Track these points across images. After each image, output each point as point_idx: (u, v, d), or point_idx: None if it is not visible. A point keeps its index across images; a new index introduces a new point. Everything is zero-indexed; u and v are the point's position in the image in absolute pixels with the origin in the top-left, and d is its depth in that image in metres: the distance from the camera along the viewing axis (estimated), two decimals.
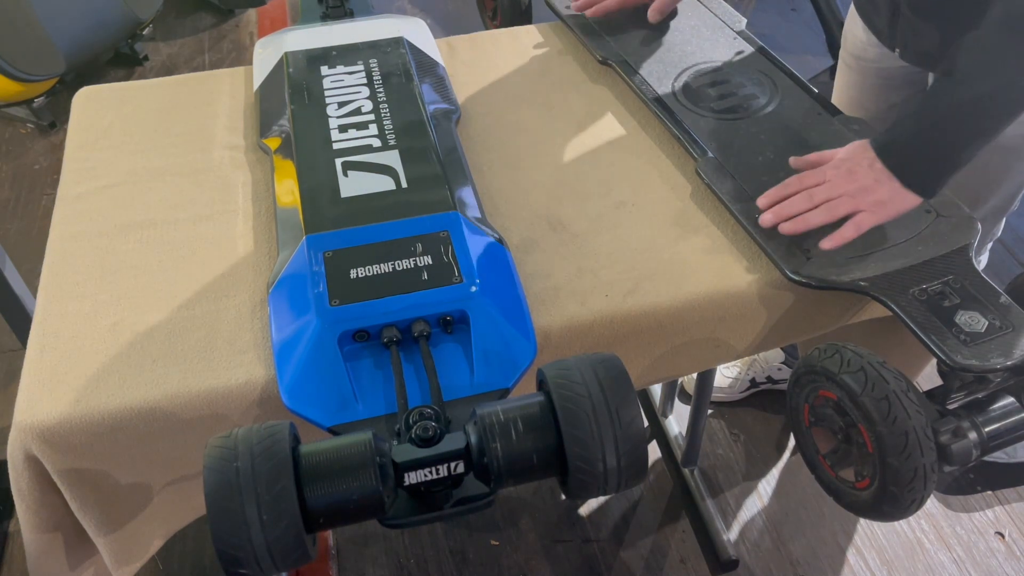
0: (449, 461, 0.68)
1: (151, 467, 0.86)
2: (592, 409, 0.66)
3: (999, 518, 1.55)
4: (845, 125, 1.08)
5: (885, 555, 1.49)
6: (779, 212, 0.93)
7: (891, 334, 1.05)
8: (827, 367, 0.79)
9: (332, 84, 1.12)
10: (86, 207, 1.02)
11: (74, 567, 0.93)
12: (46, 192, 2.32)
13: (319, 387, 0.78)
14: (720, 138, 1.07)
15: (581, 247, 0.97)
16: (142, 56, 2.83)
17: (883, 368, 0.76)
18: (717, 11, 1.33)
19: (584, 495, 0.68)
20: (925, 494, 0.76)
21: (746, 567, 1.48)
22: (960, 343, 0.80)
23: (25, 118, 2.55)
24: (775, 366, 1.73)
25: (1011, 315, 0.83)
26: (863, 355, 0.78)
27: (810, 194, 0.93)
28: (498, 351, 0.81)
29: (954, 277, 0.87)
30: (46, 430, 0.79)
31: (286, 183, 0.98)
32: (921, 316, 0.83)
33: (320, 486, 0.63)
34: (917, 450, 0.74)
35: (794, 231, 0.92)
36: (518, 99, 1.21)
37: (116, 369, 0.83)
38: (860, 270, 0.89)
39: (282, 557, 0.62)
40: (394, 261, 0.85)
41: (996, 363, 0.79)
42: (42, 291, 0.92)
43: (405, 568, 1.47)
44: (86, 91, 1.23)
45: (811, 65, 2.64)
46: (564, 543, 1.50)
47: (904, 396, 0.74)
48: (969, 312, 0.83)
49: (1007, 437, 0.80)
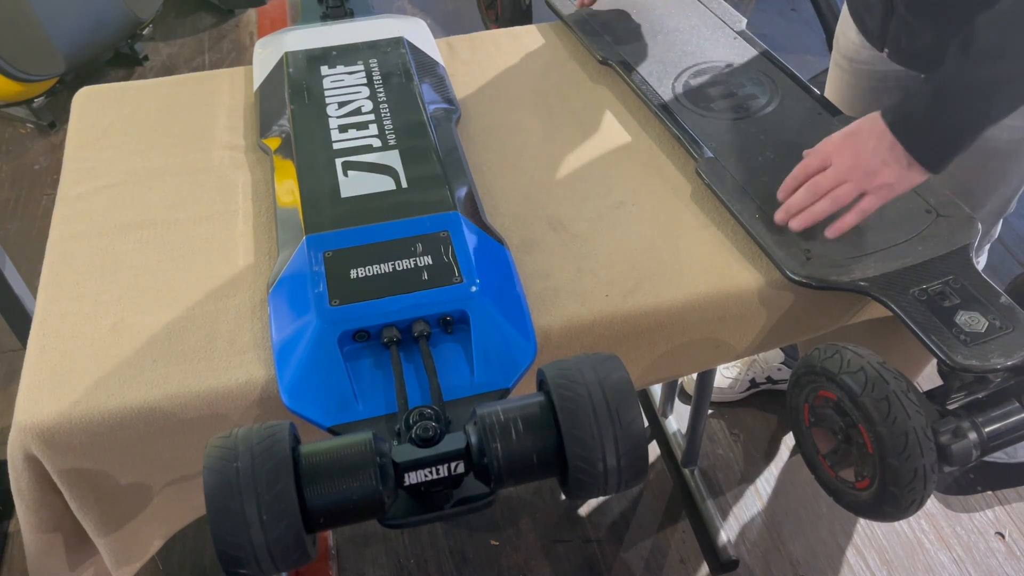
0: (449, 461, 0.68)
1: (151, 467, 0.86)
2: (592, 409, 0.66)
3: (999, 518, 1.55)
4: (845, 125, 1.07)
5: (885, 555, 1.49)
6: (787, 208, 0.93)
7: (891, 334, 1.05)
8: (827, 367, 0.79)
9: (332, 84, 1.12)
10: (86, 207, 1.02)
11: (74, 567, 0.93)
12: (46, 192, 2.32)
13: (319, 387, 0.78)
14: (720, 138, 1.07)
15: (581, 247, 0.97)
16: (142, 56, 2.83)
17: (883, 368, 0.76)
18: (717, 11, 1.33)
19: (584, 495, 0.68)
20: (925, 494, 0.76)
21: (746, 567, 1.48)
22: (960, 343, 0.80)
23: (25, 118, 2.55)
24: (775, 366, 1.72)
25: (1012, 315, 0.83)
26: (863, 355, 0.77)
27: (814, 184, 0.92)
28: (498, 351, 0.81)
29: (954, 277, 0.87)
30: (46, 430, 0.79)
31: (286, 183, 0.98)
32: (921, 316, 0.83)
33: (320, 486, 0.63)
34: (917, 450, 0.74)
35: (802, 227, 0.92)
36: (518, 99, 1.21)
37: (116, 369, 0.83)
38: (860, 270, 0.89)
39: (282, 557, 0.62)
40: (394, 261, 0.85)
41: (996, 363, 0.79)
42: (42, 291, 0.92)
43: (405, 568, 1.47)
44: (86, 91, 1.23)
45: (811, 65, 2.64)
46: (564, 543, 1.50)
47: (904, 396, 0.74)
48: (969, 312, 0.83)
49: (1007, 437, 0.80)
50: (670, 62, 1.22)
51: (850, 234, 0.93)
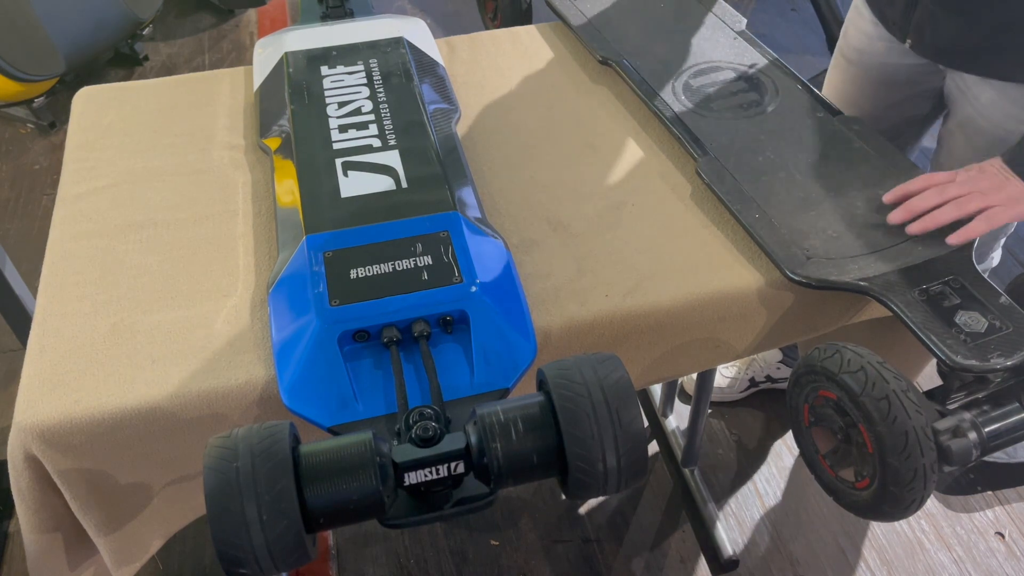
0: (449, 461, 0.68)
1: (151, 467, 0.86)
2: (592, 409, 0.66)
3: (999, 518, 1.55)
4: (846, 125, 1.08)
5: (885, 555, 1.49)
6: (910, 207, 0.91)
7: (891, 334, 1.05)
8: (827, 367, 0.79)
9: (332, 84, 1.12)
10: (86, 207, 1.02)
11: (74, 567, 0.93)
12: (46, 192, 2.32)
13: (319, 387, 0.78)
14: (720, 138, 1.07)
15: (581, 247, 0.97)
16: (142, 56, 2.83)
17: (883, 368, 0.76)
18: (717, 11, 1.33)
19: (584, 495, 0.68)
20: (925, 494, 0.76)
21: (746, 567, 1.48)
22: (960, 343, 0.80)
23: (25, 118, 2.55)
24: (774, 365, 1.72)
25: (1011, 315, 0.83)
26: (863, 355, 0.77)
27: (941, 190, 0.91)
28: (498, 351, 0.81)
29: (954, 277, 0.87)
30: (46, 430, 0.79)
31: (286, 183, 0.98)
32: (921, 316, 0.83)
33: (320, 486, 0.63)
34: (917, 450, 0.74)
35: (923, 230, 0.90)
36: (518, 99, 1.21)
37: (116, 369, 0.83)
38: (860, 270, 0.89)
39: (282, 557, 0.62)
40: (394, 261, 0.85)
41: (996, 363, 0.79)
42: (42, 291, 0.92)
43: (405, 568, 1.47)
44: (86, 91, 1.23)
45: (811, 65, 2.64)
46: (564, 543, 1.50)
47: (904, 396, 0.74)
48: (969, 312, 0.83)
49: (1008, 437, 0.80)
50: (670, 62, 1.22)
51: (849, 234, 0.93)
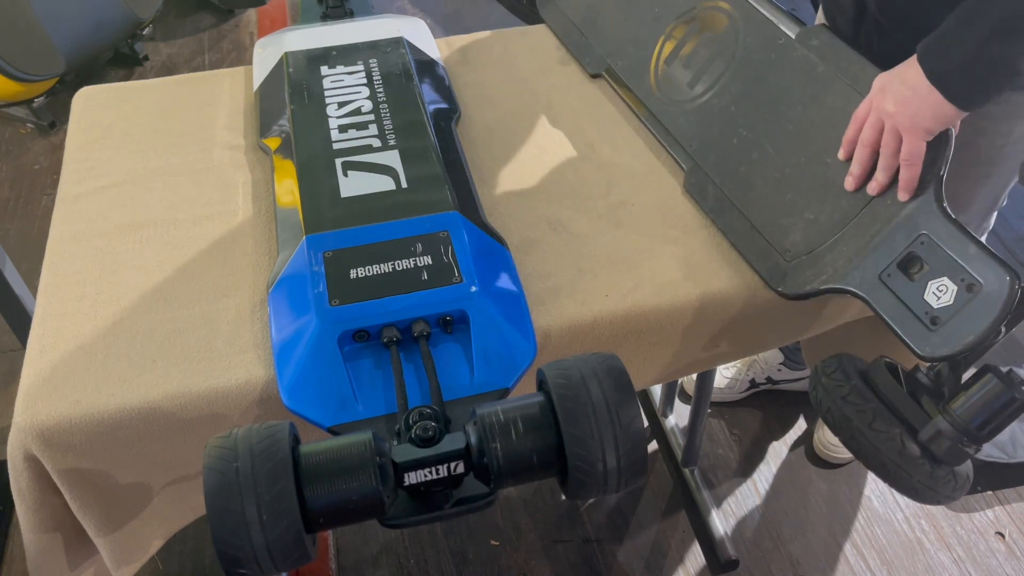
0: (449, 461, 0.68)
1: (151, 467, 0.86)
2: (592, 409, 0.66)
3: (999, 518, 1.55)
4: (806, 46, 1.02)
5: (885, 555, 1.49)
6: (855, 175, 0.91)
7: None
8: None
9: (332, 84, 1.12)
10: (86, 207, 1.02)
11: (74, 567, 0.93)
12: (46, 192, 2.32)
13: (319, 387, 0.78)
14: (701, 135, 1.06)
15: (581, 247, 0.97)
16: (142, 56, 2.83)
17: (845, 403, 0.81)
18: None
19: (584, 495, 0.68)
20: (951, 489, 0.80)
21: (746, 567, 1.48)
22: (930, 332, 0.80)
23: (25, 118, 2.55)
24: (775, 367, 1.72)
25: (981, 266, 0.79)
26: (831, 391, 0.83)
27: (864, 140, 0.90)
28: (498, 351, 0.81)
29: (923, 234, 0.84)
30: (46, 430, 0.79)
31: (286, 183, 0.98)
32: (891, 306, 0.83)
33: (320, 486, 0.63)
34: (903, 473, 0.78)
35: (880, 191, 0.90)
36: (518, 99, 1.21)
37: (116, 369, 0.83)
38: (835, 261, 0.88)
39: (282, 557, 0.62)
40: (394, 261, 0.85)
41: (967, 341, 0.77)
42: (42, 291, 0.92)
43: (405, 568, 1.46)
44: (86, 91, 1.23)
45: None
46: (564, 543, 1.50)
47: (868, 430, 0.79)
48: (938, 280, 0.81)
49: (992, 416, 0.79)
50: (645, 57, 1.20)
51: (825, 210, 0.92)
